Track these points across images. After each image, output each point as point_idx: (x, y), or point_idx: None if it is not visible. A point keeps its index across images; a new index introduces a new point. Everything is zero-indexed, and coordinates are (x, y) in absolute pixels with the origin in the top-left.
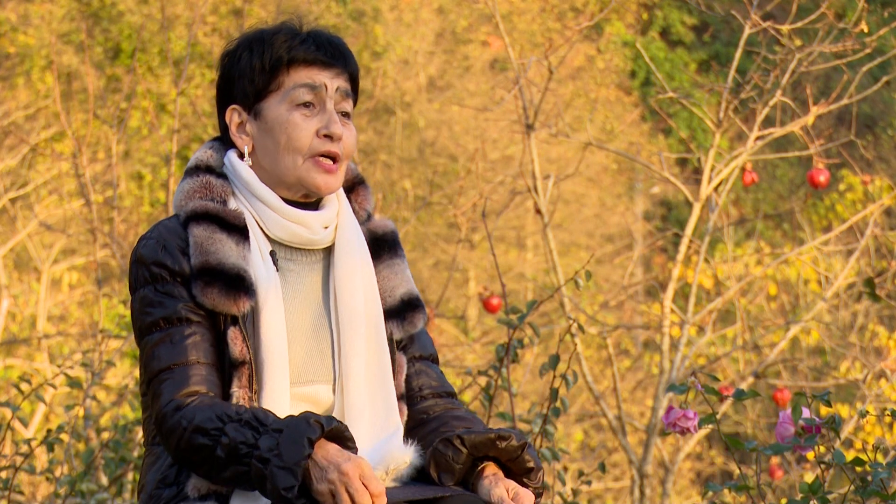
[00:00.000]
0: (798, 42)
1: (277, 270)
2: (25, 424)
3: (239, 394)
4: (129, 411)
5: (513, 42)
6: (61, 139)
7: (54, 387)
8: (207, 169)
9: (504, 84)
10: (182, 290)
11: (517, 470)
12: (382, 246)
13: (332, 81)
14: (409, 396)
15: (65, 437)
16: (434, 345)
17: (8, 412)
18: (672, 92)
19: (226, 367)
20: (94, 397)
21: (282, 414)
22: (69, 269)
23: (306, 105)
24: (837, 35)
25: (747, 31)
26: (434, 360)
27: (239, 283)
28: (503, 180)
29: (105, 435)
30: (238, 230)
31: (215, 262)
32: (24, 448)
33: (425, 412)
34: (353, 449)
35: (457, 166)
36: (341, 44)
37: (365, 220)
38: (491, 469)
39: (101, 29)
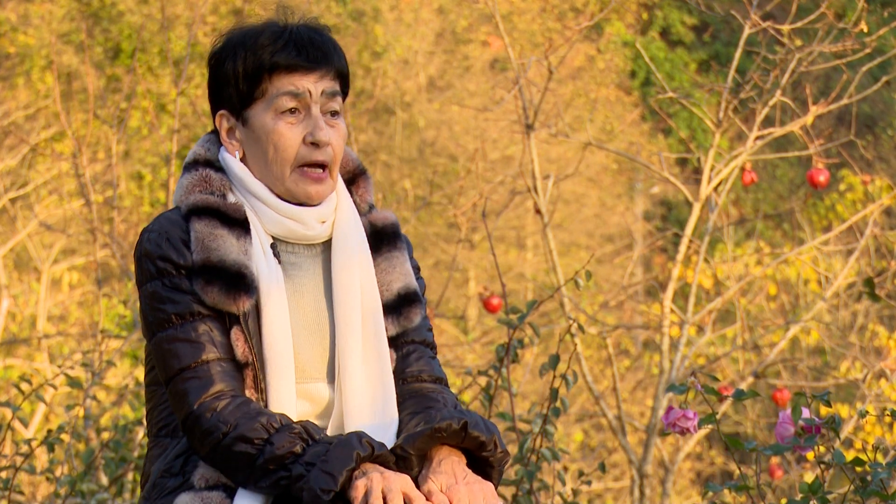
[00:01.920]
0: (798, 42)
1: (280, 263)
2: (25, 424)
3: (246, 395)
4: (129, 411)
5: (513, 42)
6: (61, 139)
7: (54, 387)
8: (206, 163)
9: (504, 84)
10: (188, 284)
11: (469, 447)
12: (382, 238)
13: (316, 86)
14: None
15: (65, 437)
16: (432, 332)
17: (8, 412)
18: (672, 92)
19: None
20: (94, 397)
21: (288, 413)
22: (69, 269)
23: (291, 112)
24: (837, 35)
25: (747, 31)
26: (427, 344)
27: (239, 282)
28: (503, 180)
29: (105, 435)
30: (239, 224)
31: (216, 259)
32: (25, 448)
33: (402, 396)
34: None
35: (457, 166)
36: (325, 42)
37: (366, 211)
38: (427, 459)
39: (101, 29)
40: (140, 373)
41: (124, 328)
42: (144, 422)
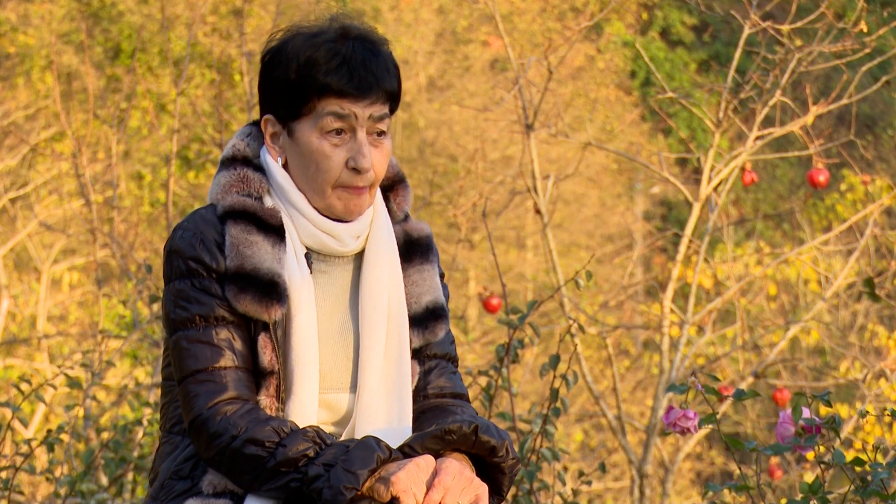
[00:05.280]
0: (798, 42)
1: (311, 273)
2: (25, 424)
3: (265, 402)
4: (129, 411)
5: (513, 42)
6: (61, 139)
7: (54, 387)
8: (244, 160)
9: (504, 84)
10: (218, 288)
11: (480, 453)
12: (415, 250)
13: (363, 110)
14: (414, 394)
15: (65, 437)
16: (454, 344)
17: (8, 412)
18: (672, 92)
19: (255, 374)
20: (94, 397)
21: (308, 422)
22: (69, 269)
23: (336, 132)
24: (837, 35)
25: (747, 30)
26: (450, 359)
27: (272, 290)
28: (503, 180)
29: (105, 435)
30: (275, 230)
31: (250, 266)
32: (24, 448)
33: (421, 411)
34: None
35: (457, 166)
36: (380, 63)
37: (401, 220)
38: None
39: (101, 29)
40: (140, 373)
41: (124, 328)
42: (158, 415)
